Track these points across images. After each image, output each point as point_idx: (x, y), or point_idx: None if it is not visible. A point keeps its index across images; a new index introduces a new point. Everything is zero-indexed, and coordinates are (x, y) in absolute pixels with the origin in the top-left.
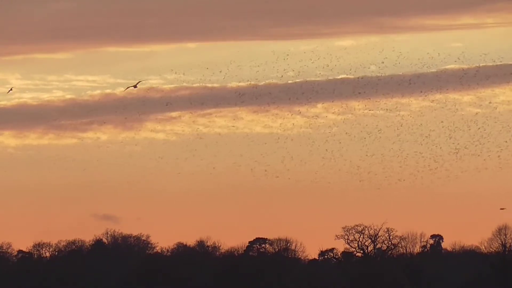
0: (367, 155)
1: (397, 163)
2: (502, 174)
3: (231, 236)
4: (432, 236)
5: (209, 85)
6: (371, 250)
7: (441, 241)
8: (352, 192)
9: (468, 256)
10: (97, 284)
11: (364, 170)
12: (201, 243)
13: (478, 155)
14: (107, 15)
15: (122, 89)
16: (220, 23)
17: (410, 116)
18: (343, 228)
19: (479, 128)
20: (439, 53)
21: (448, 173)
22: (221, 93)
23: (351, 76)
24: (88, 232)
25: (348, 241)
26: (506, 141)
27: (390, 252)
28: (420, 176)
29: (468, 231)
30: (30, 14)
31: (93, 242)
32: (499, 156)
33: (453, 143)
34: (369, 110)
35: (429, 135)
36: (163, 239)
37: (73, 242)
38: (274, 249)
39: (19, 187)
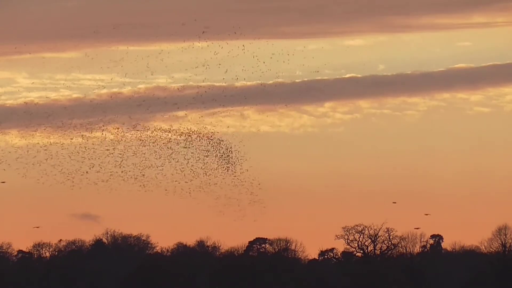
0: (372, 154)
1: (401, 162)
2: (504, 174)
3: (231, 236)
4: (432, 236)
5: (216, 84)
6: (371, 250)
7: (441, 241)
8: (353, 192)
9: (468, 256)
10: (97, 284)
11: (368, 169)
12: (201, 243)
13: (481, 155)
14: (115, 14)
15: (130, 88)
16: (228, 22)
17: (418, 116)
18: (343, 228)
19: (486, 127)
20: (447, 52)
21: (450, 173)
22: (228, 92)
23: (359, 75)
24: (88, 231)
25: (348, 241)
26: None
27: (390, 252)
28: (422, 175)
29: (468, 231)
30: (37, 13)
31: (93, 242)
32: (503, 156)
33: (459, 143)
34: (377, 110)
35: (435, 134)
36: (163, 239)
37: (73, 242)
38: (274, 249)
39: (24, 187)
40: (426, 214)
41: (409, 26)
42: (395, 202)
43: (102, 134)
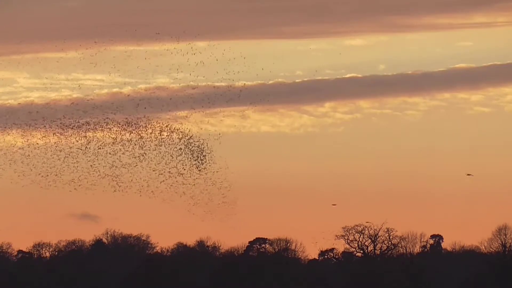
0: (372, 154)
1: (401, 162)
2: (504, 174)
3: (231, 236)
4: (432, 236)
5: (217, 84)
6: (371, 250)
7: (441, 241)
8: (353, 192)
9: (468, 256)
10: (97, 284)
11: (369, 169)
12: (201, 243)
13: (481, 155)
14: (115, 14)
15: (130, 88)
16: (228, 22)
17: (418, 116)
18: (343, 228)
19: (487, 127)
20: (448, 52)
21: (450, 173)
22: (228, 92)
23: (360, 75)
24: (88, 231)
25: (348, 241)
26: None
27: (390, 252)
28: (423, 175)
29: (468, 231)
30: (37, 13)
31: (93, 242)
32: (503, 156)
33: (459, 143)
34: (377, 110)
35: (436, 134)
36: (163, 239)
37: (73, 242)
38: (274, 249)
39: (24, 187)
40: (334, 204)
41: (409, 26)
42: (334, 204)
43: (102, 134)
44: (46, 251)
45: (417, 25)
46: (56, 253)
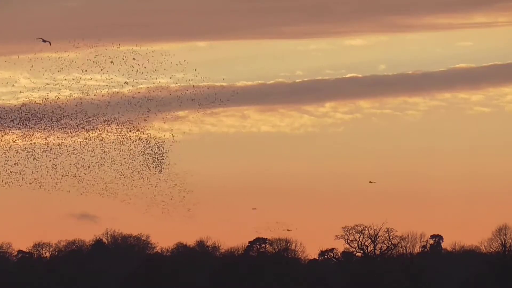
0: (372, 154)
1: (401, 162)
2: (504, 174)
3: (231, 236)
4: (432, 236)
5: (217, 84)
6: (371, 250)
7: (441, 241)
8: (353, 192)
9: (468, 256)
10: (97, 284)
11: (369, 169)
12: (201, 243)
13: (481, 155)
14: (115, 14)
15: (130, 88)
16: (229, 22)
17: (418, 116)
18: (343, 228)
19: (487, 127)
20: (448, 52)
21: (450, 173)
22: (228, 92)
23: (360, 75)
24: (88, 231)
25: (348, 241)
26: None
27: (390, 252)
28: (423, 175)
29: (468, 231)
30: (37, 13)
31: (93, 242)
32: (503, 156)
33: (459, 143)
34: (377, 110)
35: (436, 134)
36: (163, 239)
37: (73, 242)
38: (274, 249)
39: (24, 186)
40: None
41: (410, 26)
42: (255, 208)
43: (102, 134)
44: (46, 251)
45: (417, 25)
46: (56, 253)
